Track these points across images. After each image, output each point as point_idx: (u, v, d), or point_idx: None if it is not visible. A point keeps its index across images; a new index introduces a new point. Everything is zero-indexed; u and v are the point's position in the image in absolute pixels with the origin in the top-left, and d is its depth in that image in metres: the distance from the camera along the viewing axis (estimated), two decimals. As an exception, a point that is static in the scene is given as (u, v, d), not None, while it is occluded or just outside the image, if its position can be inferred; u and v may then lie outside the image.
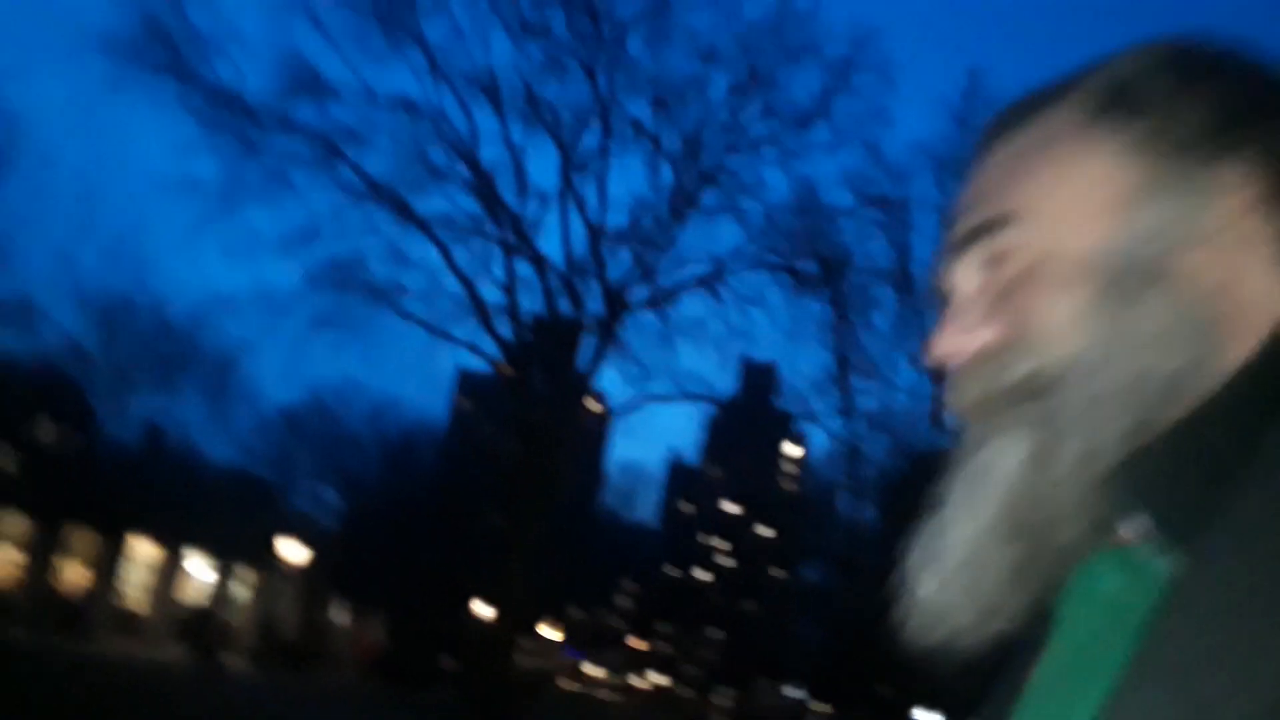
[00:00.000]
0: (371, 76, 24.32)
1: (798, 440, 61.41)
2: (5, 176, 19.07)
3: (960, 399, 0.59)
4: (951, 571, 0.55)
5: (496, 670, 23.42)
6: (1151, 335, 0.51)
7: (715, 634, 69.95)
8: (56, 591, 29.60)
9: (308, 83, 21.74)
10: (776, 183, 49.83)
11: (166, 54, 20.39)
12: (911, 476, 33.41)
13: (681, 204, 25.98)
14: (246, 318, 31.66)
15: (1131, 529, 0.49)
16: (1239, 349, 0.50)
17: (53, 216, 50.26)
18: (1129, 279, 0.52)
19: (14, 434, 27.99)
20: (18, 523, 29.56)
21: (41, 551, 29.89)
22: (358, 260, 23.55)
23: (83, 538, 30.92)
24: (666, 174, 26.33)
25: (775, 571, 54.59)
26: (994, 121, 0.63)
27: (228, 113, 21.35)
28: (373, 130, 22.82)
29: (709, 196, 26.43)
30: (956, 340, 0.59)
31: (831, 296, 29.33)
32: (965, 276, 0.60)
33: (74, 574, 30.69)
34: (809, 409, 32.23)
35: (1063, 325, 0.53)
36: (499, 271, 24.95)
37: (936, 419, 32.28)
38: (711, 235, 37.81)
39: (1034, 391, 0.53)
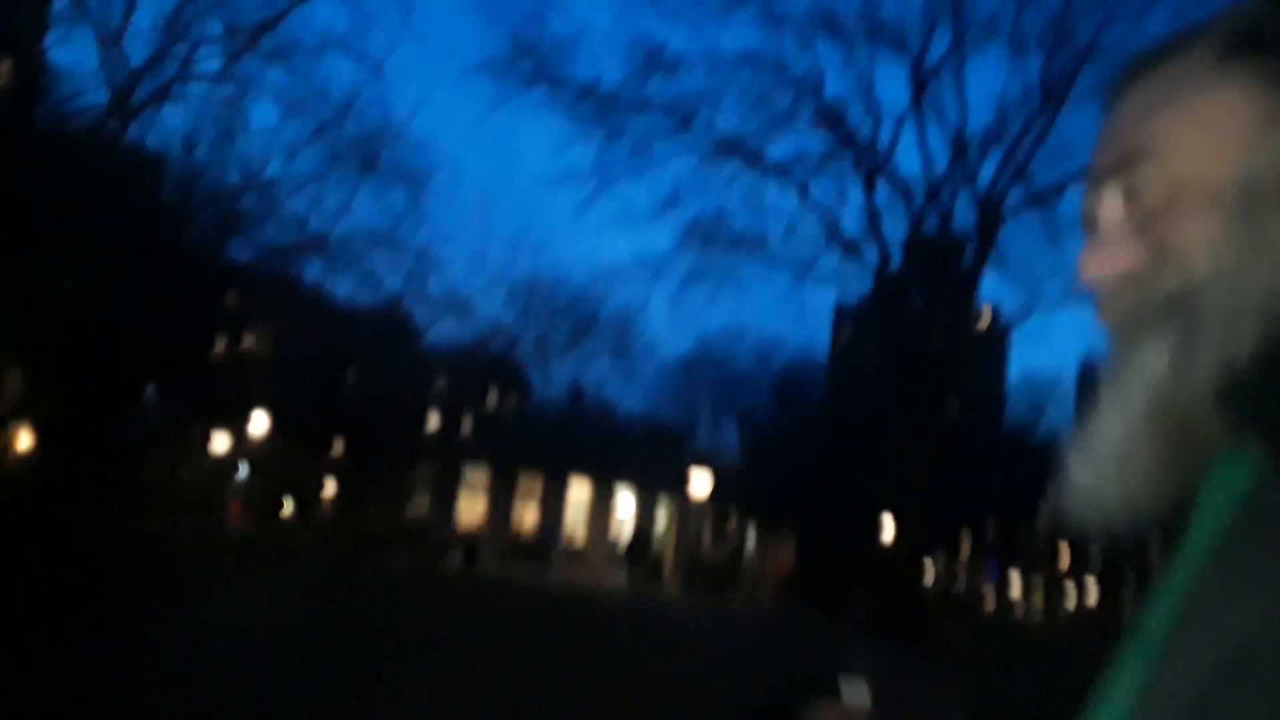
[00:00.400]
0: (712, 40, 25.07)
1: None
2: (427, 195, 22.61)
3: (1108, 314, 0.64)
4: (1104, 462, 0.59)
5: (906, 590, 23.66)
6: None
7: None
8: (514, 529, 35.04)
9: (656, 60, 22.90)
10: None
11: (534, 65, 22.69)
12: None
13: (1055, 92, 23.57)
14: (634, 282, 34.44)
15: (1250, 441, 0.52)
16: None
17: (466, 222, 58.40)
18: (1261, 202, 0.56)
19: (471, 405, 33.39)
20: (481, 474, 35.29)
21: (501, 497, 35.42)
22: (721, 216, 24.53)
23: (532, 483, 36.11)
24: (1033, 63, 24.03)
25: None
26: (1129, 63, 0.69)
27: (592, 105, 23.27)
28: (720, 90, 23.50)
29: (1087, 75, 23.71)
30: (1103, 262, 0.64)
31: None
32: (1109, 205, 0.65)
33: (527, 515, 36.04)
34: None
35: (1200, 246, 0.57)
36: (859, 202, 24.59)
37: None
38: (1096, 117, 33.69)
39: (1176, 305, 0.57)
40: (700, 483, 36.19)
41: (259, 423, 27.30)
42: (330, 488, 32.55)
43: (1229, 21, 0.63)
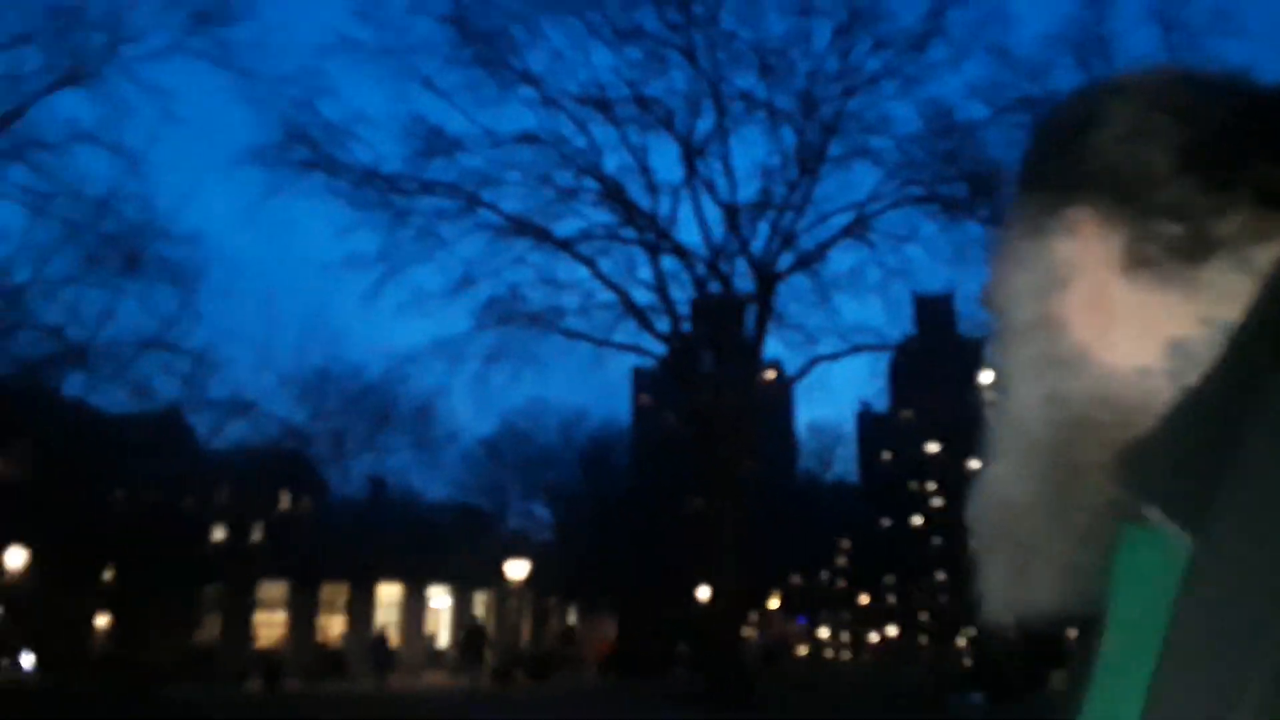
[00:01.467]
0: (491, 120, 25.59)
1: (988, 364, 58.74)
2: (200, 291, 21.38)
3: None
4: (982, 572, 0.63)
5: (726, 648, 24.02)
6: (1019, 376, 0.61)
7: (944, 578, 68.35)
8: (318, 643, 32.81)
9: (435, 143, 23.03)
10: (904, 114, 48.04)
11: (309, 151, 22.20)
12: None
13: (809, 161, 25.61)
14: (433, 366, 33.75)
15: (1153, 513, 0.53)
16: (1135, 346, 0.57)
17: (247, 316, 55.38)
18: (1005, 337, 0.63)
19: (262, 511, 31.22)
20: (278, 588, 32.94)
21: (302, 608, 33.16)
22: (515, 293, 24.70)
23: (336, 590, 34.08)
24: (788, 136, 26.08)
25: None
26: None
27: (372, 189, 22.98)
28: (503, 170, 23.87)
29: (836, 146, 25.93)
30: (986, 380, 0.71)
31: (989, 214, 28.12)
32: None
33: (333, 624, 33.89)
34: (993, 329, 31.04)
35: (996, 373, 0.65)
36: (646, 272, 25.53)
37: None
38: (848, 184, 36.98)
39: (995, 427, 0.63)
40: (516, 568, 35.50)
41: (14, 557, 24.24)
42: (104, 619, 29.29)
43: (1020, 157, 0.68)
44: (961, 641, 66.12)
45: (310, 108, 22.12)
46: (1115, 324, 0.57)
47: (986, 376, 0.67)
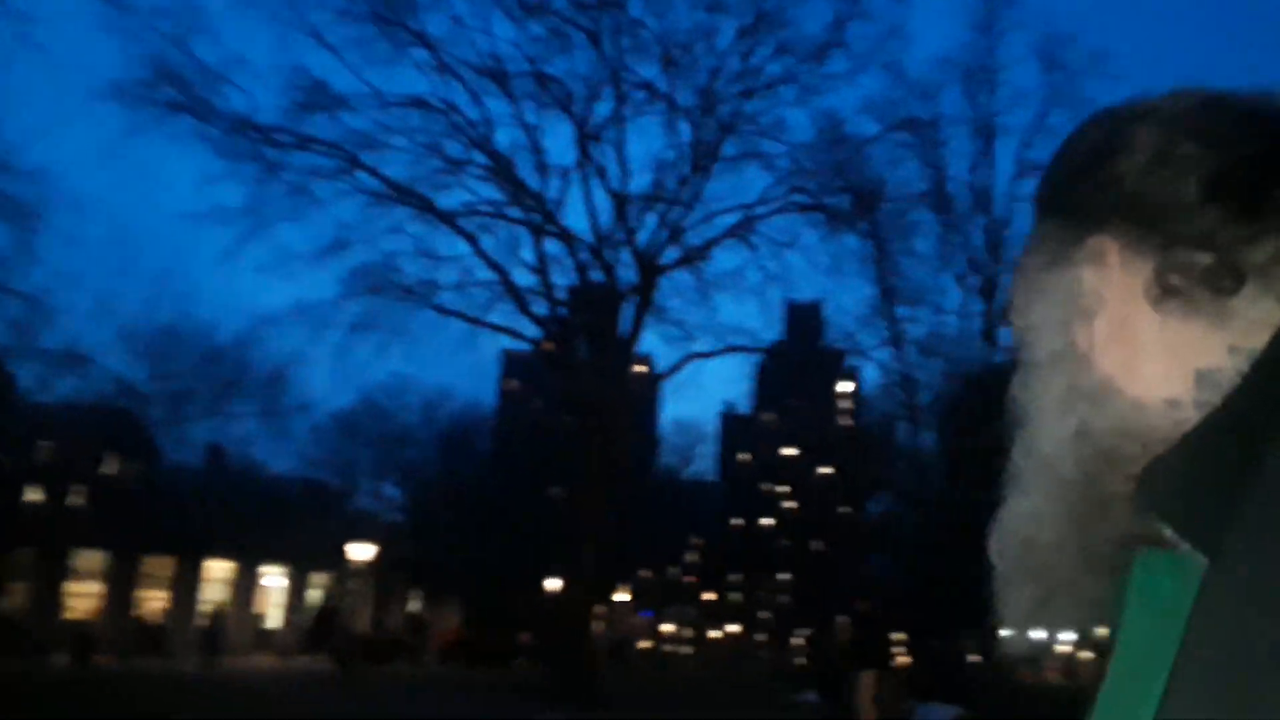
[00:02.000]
0: (380, 81, 24.06)
1: (850, 376, 60.94)
2: (41, 231, 19.20)
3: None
4: (1001, 604, 0.62)
5: (574, 641, 23.61)
6: (1046, 409, 0.60)
7: (787, 579, 70.29)
8: (137, 618, 30.40)
9: (318, 97, 21.58)
10: (798, 122, 48.97)
11: (178, 92, 20.39)
12: (966, 397, 33.05)
13: (703, 158, 25.44)
14: (291, 331, 31.77)
15: (1168, 533, 0.52)
16: (1163, 377, 0.56)
17: (92, 263, 50.71)
18: (1029, 369, 0.62)
19: (84, 474, 28.58)
20: (95, 557, 30.30)
21: (121, 582, 30.64)
22: (389, 262, 23.48)
23: (159, 564, 31.64)
24: (684, 131, 25.82)
25: (841, 510, 54.53)
26: None
27: (244, 139, 21.33)
28: (388, 134, 22.63)
29: (730, 146, 25.88)
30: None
31: (868, 228, 28.73)
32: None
33: (153, 599, 31.47)
34: (857, 344, 31.89)
35: (1019, 407, 0.62)
36: (529, 253, 24.74)
37: (988, 336, 31.78)
38: (738, 185, 37.13)
39: (1019, 462, 0.62)
40: (359, 549, 34.01)
41: None
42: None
43: (1040, 181, 0.66)
44: (798, 641, 68.19)
45: (184, 46, 20.28)
46: (1142, 355, 0.57)
47: (844, 387, 0.66)
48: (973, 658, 33.82)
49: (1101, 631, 0.59)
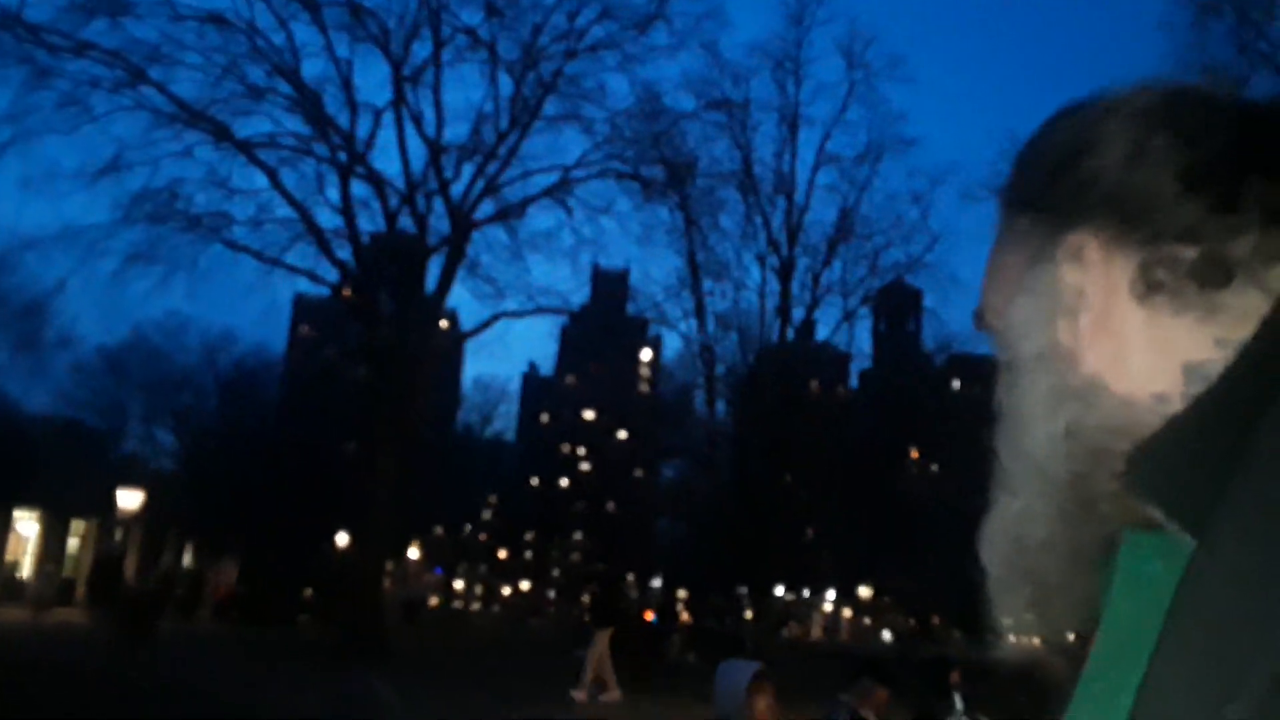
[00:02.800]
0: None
1: (652, 345, 62.23)
2: None
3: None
4: (996, 605, 0.61)
5: (364, 598, 23.05)
6: (1033, 410, 0.59)
7: (580, 539, 71.49)
8: None
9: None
10: (620, 89, 49.08)
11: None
12: (758, 371, 34.77)
13: (522, 114, 25.11)
14: (54, 257, 28.79)
15: (1155, 515, 0.53)
16: (1150, 373, 0.56)
17: None
18: (1013, 369, 0.61)
19: None
20: None
21: None
22: (175, 190, 21.75)
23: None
24: (505, 84, 25.36)
25: (636, 474, 55.91)
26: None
27: (10, 36, 19.03)
28: (180, 50, 20.84)
29: (551, 105, 25.69)
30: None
31: (679, 201, 29.49)
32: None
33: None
34: (662, 313, 32.80)
35: (1005, 408, 0.61)
36: (334, 193, 23.62)
37: (783, 314, 33.48)
38: (557, 146, 36.93)
39: (1006, 464, 0.61)
40: (126, 497, 31.62)
41: None
42: None
43: (1011, 173, 0.65)
44: (585, 598, 69.63)
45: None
46: (1129, 351, 0.57)
47: (645, 355, 0.64)
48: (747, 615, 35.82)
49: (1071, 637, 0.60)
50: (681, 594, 59.08)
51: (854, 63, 32.27)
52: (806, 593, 62.80)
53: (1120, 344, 0.57)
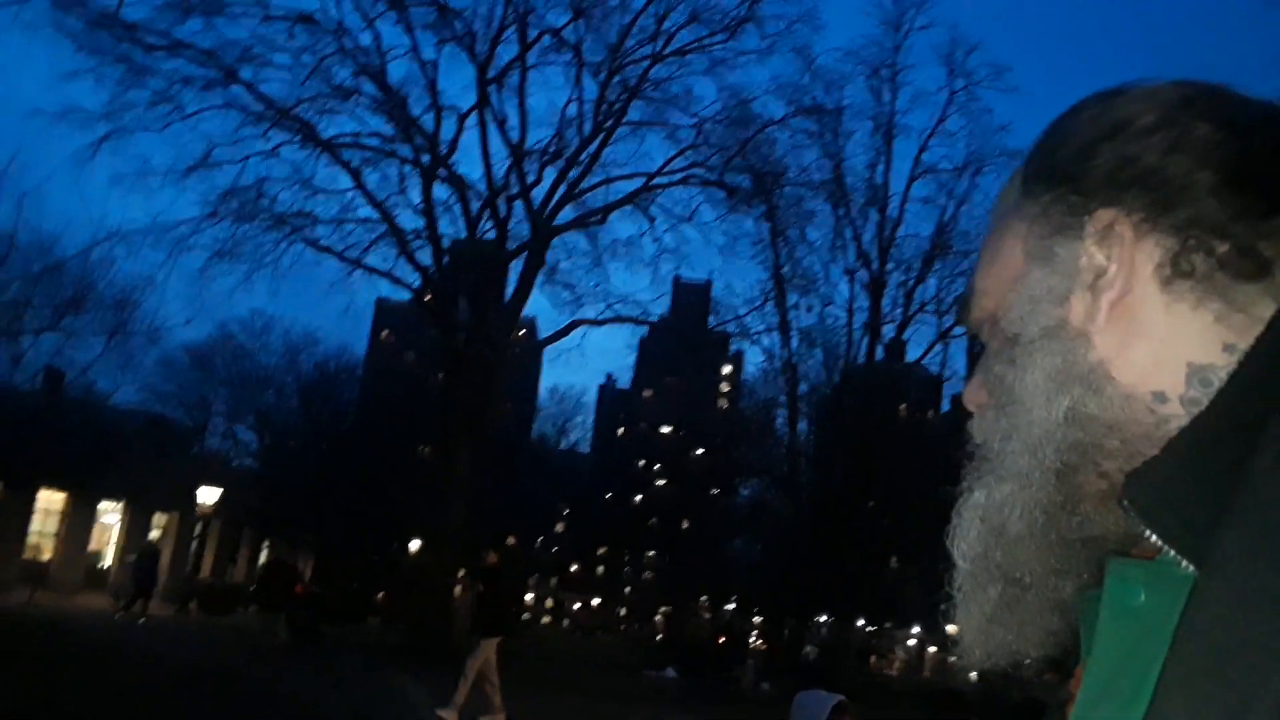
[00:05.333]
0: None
1: (732, 360, 61.10)
2: None
3: (972, 445, 0.63)
4: (960, 611, 0.60)
5: (436, 603, 22.74)
6: (1038, 388, 0.57)
7: (654, 558, 70.71)
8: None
9: (194, 0, 19.80)
10: (706, 94, 48.38)
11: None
12: (844, 390, 33.49)
13: (606, 119, 24.71)
14: (148, 252, 29.48)
15: (1152, 543, 0.51)
16: (1157, 367, 0.55)
17: None
18: (1020, 344, 0.59)
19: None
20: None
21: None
22: (261, 188, 21.93)
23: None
24: (590, 88, 25.02)
25: (713, 491, 54.96)
26: (1001, 191, 0.68)
27: (109, 35, 19.43)
28: (270, 49, 21.03)
29: (635, 110, 25.27)
30: (969, 395, 0.65)
31: (765, 211, 28.61)
32: (986, 336, 0.65)
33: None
34: (744, 327, 31.87)
35: (1003, 387, 0.60)
36: (416, 195, 23.53)
37: (871, 331, 32.21)
38: (639, 153, 36.49)
39: (986, 451, 0.60)
40: (207, 492, 32.08)
41: None
42: None
43: (1028, 157, 0.64)
44: (658, 618, 68.70)
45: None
46: (1139, 339, 0.56)
47: (725, 369, 0.63)
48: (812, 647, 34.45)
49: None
50: (756, 619, 57.70)
51: (955, 70, 31.00)
52: (889, 625, 60.75)
53: (1132, 331, 0.55)
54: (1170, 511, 0.50)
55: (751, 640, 44.54)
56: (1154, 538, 0.50)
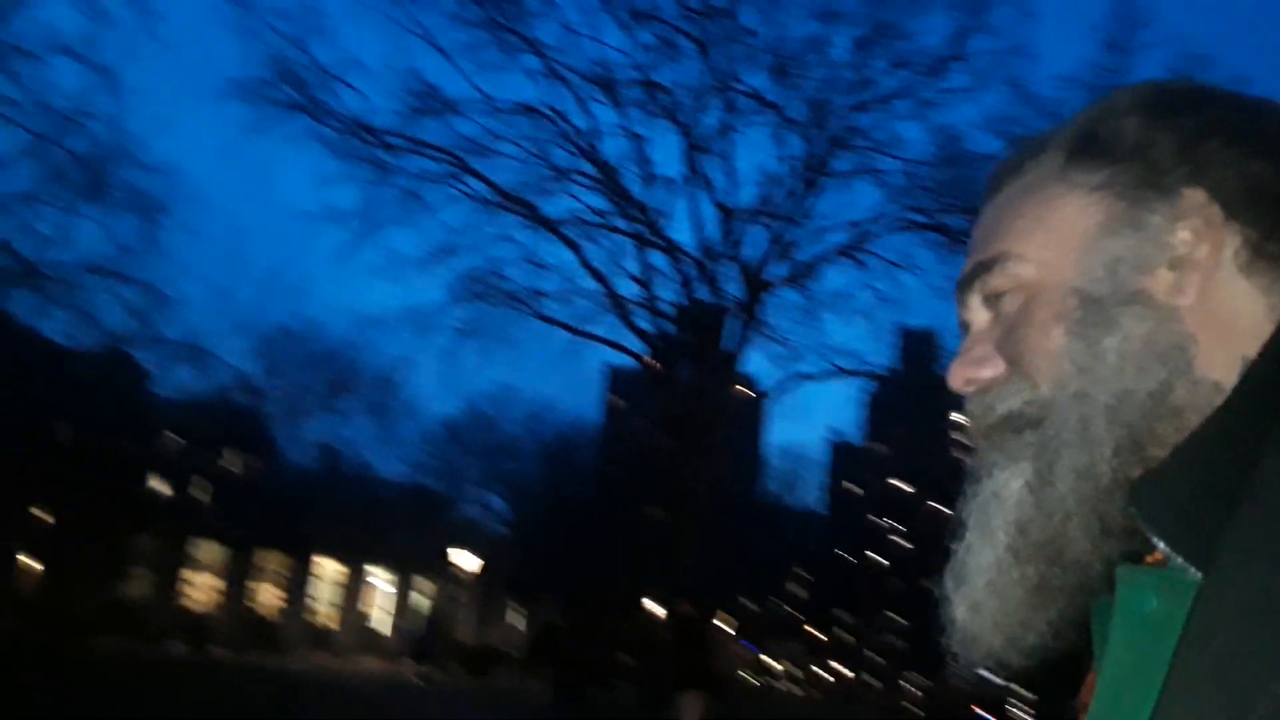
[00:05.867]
0: (489, 86, 24.62)
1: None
2: (163, 224, 20.28)
3: (973, 427, 0.62)
4: (978, 596, 0.58)
5: (679, 666, 23.04)
6: (1126, 356, 0.55)
7: (899, 620, 67.69)
8: (252, 611, 31.50)
9: (430, 102, 22.15)
10: (915, 137, 47.13)
11: (295, 92, 21.27)
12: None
13: (813, 172, 24.88)
14: (400, 335, 32.65)
15: (1162, 548, 0.50)
16: (1222, 356, 0.54)
17: (210, 259, 53.28)
18: (1101, 307, 0.57)
19: (203, 467, 29.99)
20: (213, 549, 31.63)
21: (236, 575, 31.87)
22: (495, 269, 23.81)
23: (272, 559, 32.77)
24: (794, 143, 25.35)
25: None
26: (995, 168, 0.68)
27: (358, 140, 22.03)
28: (496, 140, 23.01)
29: (842, 161, 25.21)
30: (967, 371, 0.63)
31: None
32: (975, 311, 0.64)
33: (268, 593, 32.58)
34: (975, 374, 30.36)
35: (1050, 355, 0.58)
36: (633, 265, 24.67)
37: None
38: (850, 201, 36.32)
39: (1030, 420, 0.58)
40: (463, 558, 34.42)
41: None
42: (30, 560, 27.95)
43: (1072, 128, 0.64)
44: (913, 689, 65.20)
45: (303, 46, 21.20)
46: (1211, 323, 0.55)
47: (960, 419, 0.64)
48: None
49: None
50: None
51: (1189, 85, 28.78)
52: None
53: (1208, 312, 0.54)
54: (1176, 517, 0.49)
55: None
56: (1161, 544, 0.49)
